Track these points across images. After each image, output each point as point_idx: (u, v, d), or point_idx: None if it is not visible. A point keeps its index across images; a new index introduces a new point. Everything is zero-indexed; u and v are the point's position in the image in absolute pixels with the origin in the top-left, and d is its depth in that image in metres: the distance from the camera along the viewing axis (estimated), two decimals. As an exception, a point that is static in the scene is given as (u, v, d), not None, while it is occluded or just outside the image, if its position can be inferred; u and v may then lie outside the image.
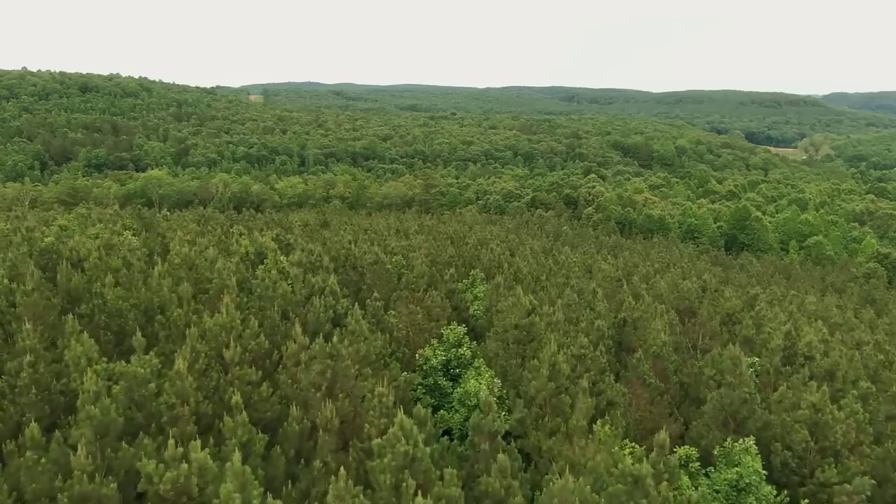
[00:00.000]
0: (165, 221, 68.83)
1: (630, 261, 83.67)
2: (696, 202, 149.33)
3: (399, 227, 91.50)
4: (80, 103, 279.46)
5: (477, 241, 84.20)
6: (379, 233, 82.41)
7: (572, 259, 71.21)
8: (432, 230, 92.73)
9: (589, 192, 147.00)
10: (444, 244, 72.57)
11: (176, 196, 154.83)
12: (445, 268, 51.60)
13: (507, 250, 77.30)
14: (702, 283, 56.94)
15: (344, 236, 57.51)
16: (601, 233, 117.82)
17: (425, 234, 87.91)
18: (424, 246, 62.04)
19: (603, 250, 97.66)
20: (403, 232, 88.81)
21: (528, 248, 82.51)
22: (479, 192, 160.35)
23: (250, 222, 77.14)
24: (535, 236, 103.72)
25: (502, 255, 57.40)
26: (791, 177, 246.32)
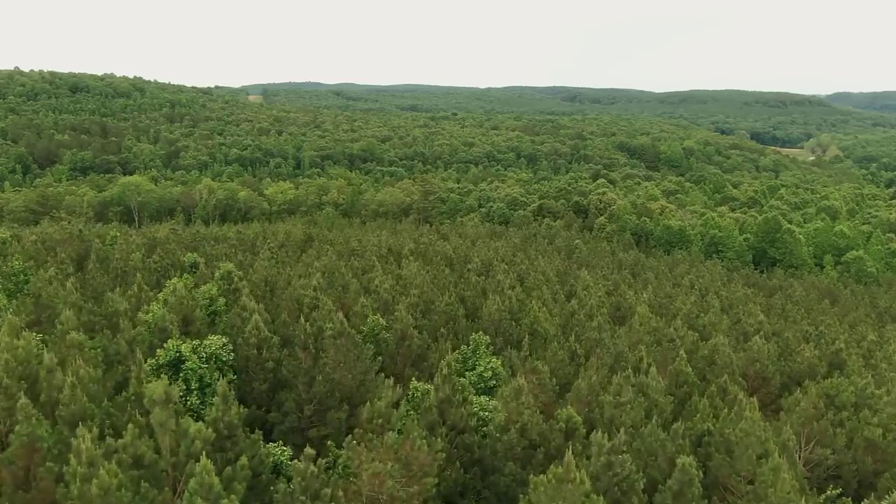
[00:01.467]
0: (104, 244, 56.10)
1: (660, 288, 70.93)
2: (715, 210, 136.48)
3: (391, 247, 78.74)
4: (69, 104, 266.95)
5: (480, 264, 71.52)
6: (366, 256, 69.66)
7: (595, 292, 58.45)
8: (429, 249, 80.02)
9: (600, 200, 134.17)
10: (440, 273, 59.83)
11: (157, 204, 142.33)
12: (440, 323, 39.03)
13: (516, 278, 64.63)
14: (779, 342, 44.21)
15: (311, 280, 44.87)
16: (617, 247, 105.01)
17: (421, 256, 75.18)
18: (417, 280, 49.27)
19: (623, 270, 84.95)
20: (396, 253, 76.05)
21: (541, 273, 69.78)
22: (481, 199, 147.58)
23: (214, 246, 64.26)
24: (546, 253, 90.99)
25: (512, 297, 44.58)
26: (810, 180, 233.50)
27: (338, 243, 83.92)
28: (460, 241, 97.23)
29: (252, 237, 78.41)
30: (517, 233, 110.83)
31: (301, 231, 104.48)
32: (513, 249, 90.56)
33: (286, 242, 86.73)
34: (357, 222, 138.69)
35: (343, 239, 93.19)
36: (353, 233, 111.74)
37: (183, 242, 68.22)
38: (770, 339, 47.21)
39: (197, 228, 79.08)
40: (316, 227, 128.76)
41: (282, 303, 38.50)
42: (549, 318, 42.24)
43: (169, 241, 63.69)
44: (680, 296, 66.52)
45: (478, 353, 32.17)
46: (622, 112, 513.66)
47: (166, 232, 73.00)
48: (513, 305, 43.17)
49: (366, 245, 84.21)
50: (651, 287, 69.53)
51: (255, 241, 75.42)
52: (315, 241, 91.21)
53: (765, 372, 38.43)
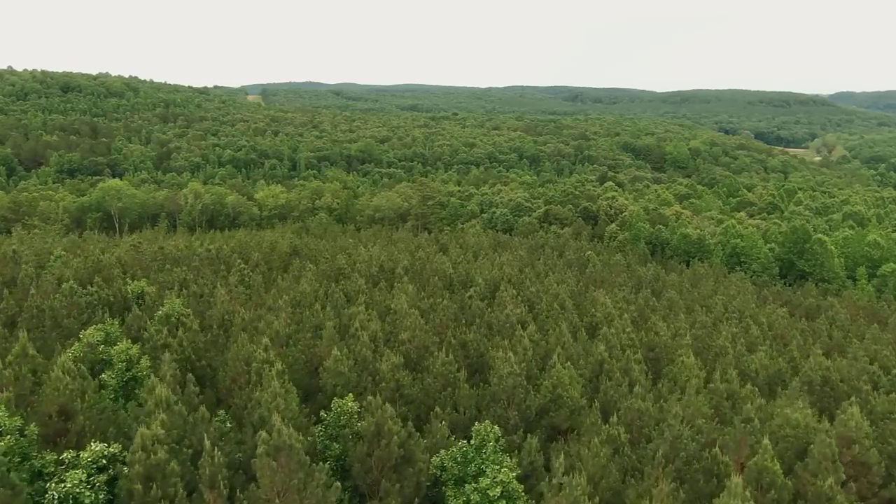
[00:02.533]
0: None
1: (691, 313, 61.18)
2: (732, 216, 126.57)
3: (384, 264, 68.94)
4: (60, 104, 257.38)
5: (484, 286, 61.83)
6: (354, 277, 59.89)
7: (621, 325, 48.69)
8: (426, 265, 70.29)
9: (610, 206, 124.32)
10: (437, 303, 50.08)
11: (139, 209, 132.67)
12: (435, 388, 29.33)
13: (526, 306, 54.91)
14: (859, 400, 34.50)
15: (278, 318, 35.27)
16: (632, 259, 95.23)
17: (416, 276, 65.47)
18: (409, 321, 39.47)
19: (644, 289, 75.19)
20: (388, 272, 66.31)
21: (553, 295, 60.09)
22: (483, 204, 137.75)
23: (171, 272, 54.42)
24: (556, 267, 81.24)
25: (528, 350, 34.84)
26: (820, 182, 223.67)
27: (325, 258, 74.20)
28: (461, 253, 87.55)
29: (227, 253, 68.61)
30: (523, 243, 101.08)
31: (287, 242, 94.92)
32: (519, 264, 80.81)
33: (268, 257, 77.14)
34: (351, 229, 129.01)
35: (332, 252, 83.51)
36: (346, 242, 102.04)
37: (142, 262, 58.53)
38: (835, 385, 37.65)
39: (162, 245, 69.25)
40: (306, 237, 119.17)
41: (223, 369, 28.84)
42: (573, 376, 32.47)
43: (119, 263, 53.93)
44: (717, 325, 56.82)
45: (484, 453, 22.46)
46: (624, 112, 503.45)
47: (127, 248, 63.43)
48: (528, 358, 33.43)
49: (356, 260, 74.58)
50: (681, 314, 59.76)
51: (229, 257, 65.63)
52: (300, 255, 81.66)
53: (865, 456, 28.81)
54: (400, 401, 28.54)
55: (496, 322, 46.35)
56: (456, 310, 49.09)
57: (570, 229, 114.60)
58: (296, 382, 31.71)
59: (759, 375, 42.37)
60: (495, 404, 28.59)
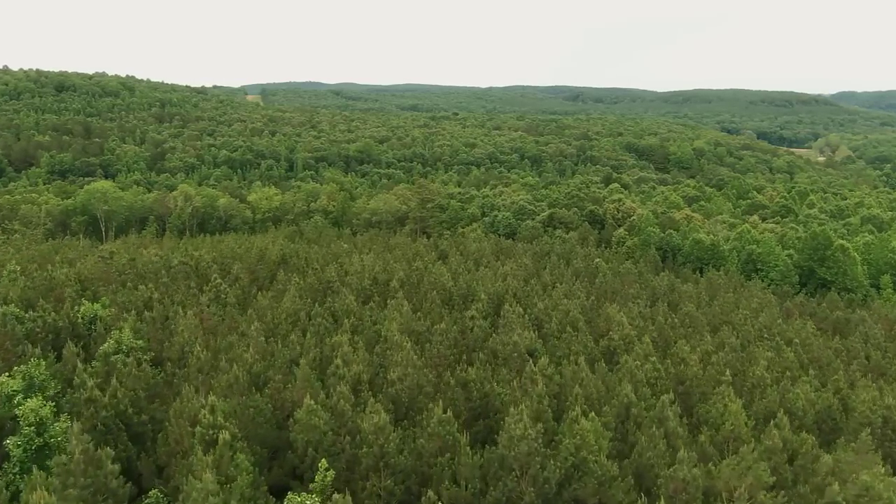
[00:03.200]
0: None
1: (717, 333, 55.18)
2: (745, 220, 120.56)
3: (378, 276, 62.87)
4: (54, 103, 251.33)
5: (487, 302, 55.85)
6: (343, 293, 53.85)
7: (642, 349, 42.67)
8: (424, 277, 64.25)
9: (617, 209, 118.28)
10: (435, 321, 44.09)
11: (126, 212, 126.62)
12: (430, 451, 23.37)
13: (535, 327, 48.94)
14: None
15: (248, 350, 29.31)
16: (643, 266, 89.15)
17: (413, 290, 59.47)
18: (400, 355, 33.44)
19: (660, 302, 69.19)
20: (383, 285, 60.28)
21: (563, 313, 54.12)
22: (484, 207, 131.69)
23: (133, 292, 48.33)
24: (563, 278, 75.17)
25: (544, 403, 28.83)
26: (828, 182, 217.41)
27: (314, 269, 68.17)
28: (462, 261, 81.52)
29: (206, 265, 62.57)
30: (527, 249, 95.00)
31: (278, 249, 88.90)
32: (524, 274, 74.79)
33: (254, 267, 71.13)
34: (347, 233, 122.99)
35: (323, 261, 77.51)
36: (339, 248, 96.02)
37: (109, 276, 52.45)
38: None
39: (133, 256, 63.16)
40: (299, 242, 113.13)
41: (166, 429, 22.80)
42: (597, 429, 26.43)
43: (78, 279, 47.87)
44: (746, 347, 50.81)
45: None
46: (625, 111, 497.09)
47: (94, 261, 57.46)
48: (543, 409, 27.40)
49: (348, 270, 68.61)
50: (706, 334, 53.74)
51: (207, 269, 59.57)
52: (289, 264, 75.65)
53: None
54: (386, 471, 22.54)
55: (502, 350, 40.35)
56: (456, 334, 43.05)
57: (575, 234, 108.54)
58: (259, 438, 25.73)
59: (806, 415, 36.37)
60: (505, 474, 22.60)
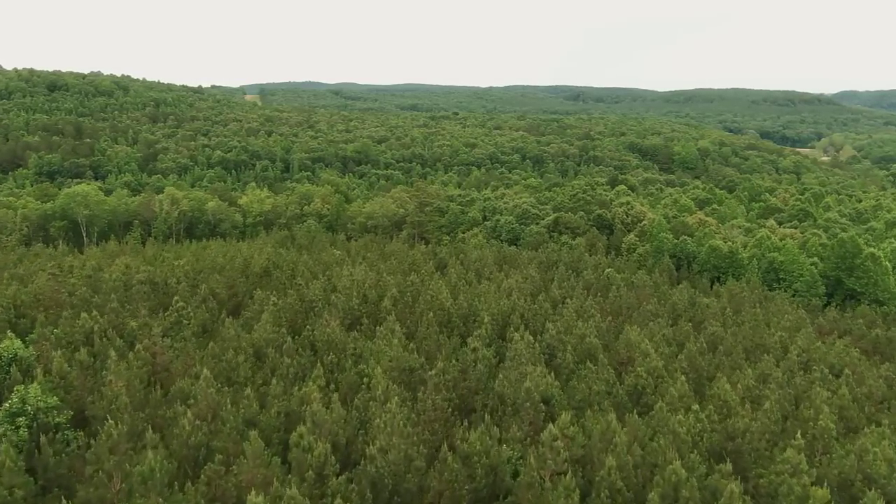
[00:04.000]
0: None
1: (754, 361, 47.81)
2: (762, 224, 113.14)
3: (367, 293, 55.49)
4: (44, 103, 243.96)
5: (491, 325, 48.52)
6: (326, 317, 46.54)
7: (676, 386, 35.38)
8: (420, 294, 56.89)
9: (626, 213, 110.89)
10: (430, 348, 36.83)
11: (109, 217, 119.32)
12: None
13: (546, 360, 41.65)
14: None
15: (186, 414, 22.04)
16: (658, 277, 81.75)
17: (407, 311, 52.12)
18: (387, 417, 26.14)
19: (682, 320, 61.88)
20: (372, 304, 52.92)
21: (578, 338, 46.83)
22: (486, 210, 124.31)
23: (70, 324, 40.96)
24: (573, 291, 67.79)
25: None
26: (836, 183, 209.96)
27: (299, 284, 60.82)
28: (462, 272, 74.19)
29: (175, 281, 55.23)
30: (532, 258, 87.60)
31: (265, 258, 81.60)
32: (531, 288, 67.46)
33: (232, 281, 63.78)
34: (342, 238, 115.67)
35: (311, 273, 70.17)
36: (331, 256, 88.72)
37: (57, 297, 45.11)
38: None
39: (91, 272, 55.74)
40: (290, 249, 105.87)
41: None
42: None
43: (13, 305, 40.51)
44: (792, 379, 43.45)
45: None
46: (627, 111, 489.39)
47: (44, 278, 50.16)
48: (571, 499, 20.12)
49: (336, 285, 61.26)
50: (743, 363, 46.41)
51: (176, 287, 52.24)
52: (272, 278, 68.35)
53: None
54: None
55: (511, 394, 33.01)
56: (455, 373, 35.67)
57: (583, 240, 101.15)
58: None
59: (890, 482, 29.04)
60: None
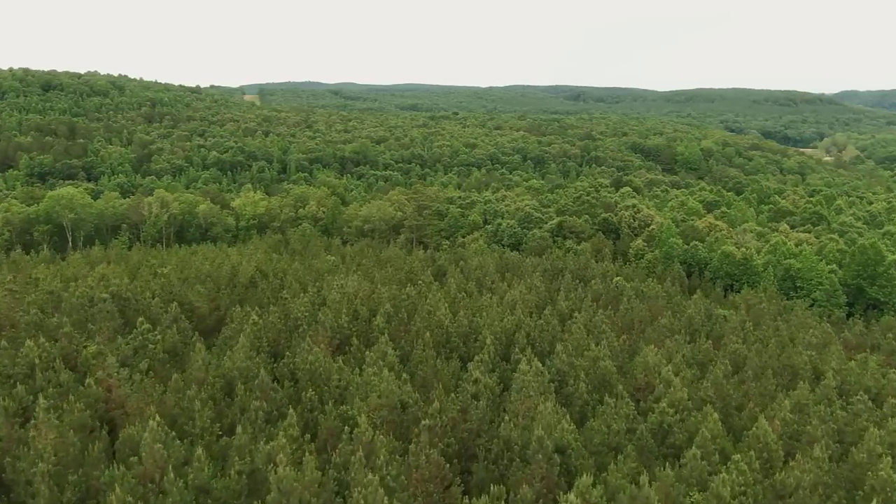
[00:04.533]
0: None
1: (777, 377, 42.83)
2: (774, 228, 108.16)
3: (359, 309, 50.49)
4: (39, 103, 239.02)
5: (494, 348, 43.57)
6: (311, 338, 41.61)
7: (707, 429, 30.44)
8: (416, 309, 51.96)
9: (633, 217, 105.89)
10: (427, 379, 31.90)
11: (95, 220, 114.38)
12: None
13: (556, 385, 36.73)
14: None
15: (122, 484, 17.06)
16: (669, 286, 76.77)
17: (402, 329, 47.16)
18: (364, 478, 21.30)
19: (699, 335, 56.96)
20: (364, 322, 47.96)
21: (592, 360, 41.91)
22: (487, 213, 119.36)
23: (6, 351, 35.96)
24: (582, 303, 62.86)
25: None
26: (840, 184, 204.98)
27: (284, 298, 55.85)
28: (462, 281, 69.27)
29: (148, 297, 50.25)
30: (537, 265, 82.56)
31: (253, 266, 76.70)
32: (536, 300, 62.54)
33: (214, 294, 58.84)
34: (337, 243, 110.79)
35: (300, 283, 65.22)
36: (324, 263, 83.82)
37: (10, 315, 40.16)
38: None
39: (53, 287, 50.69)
40: (283, 255, 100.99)
41: None
42: None
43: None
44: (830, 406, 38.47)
45: None
46: (627, 111, 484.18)
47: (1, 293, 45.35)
48: None
49: (326, 297, 56.31)
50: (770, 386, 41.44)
51: (147, 305, 47.28)
52: (259, 289, 63.42)
53: None
54: None
55: (517, 441, 28.05)
56: (455, 413, 30.67)
57: (588, 245, 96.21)
58: None
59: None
60: None
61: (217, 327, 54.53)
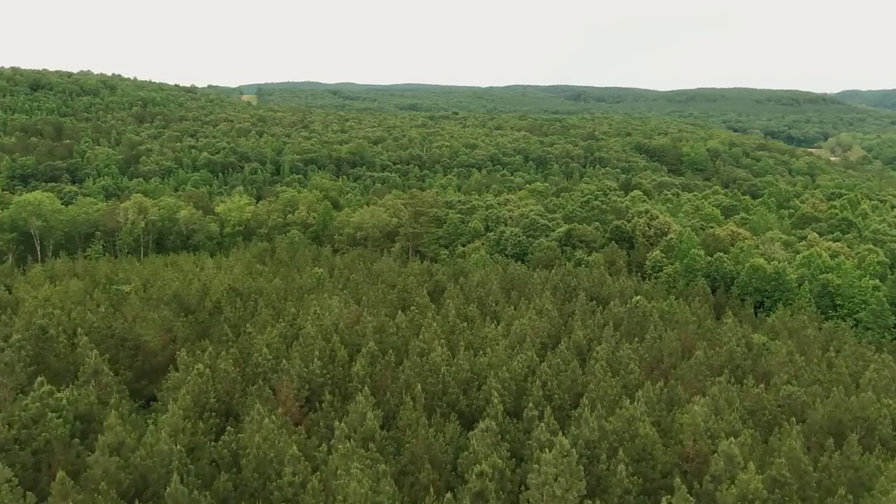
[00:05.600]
0: None
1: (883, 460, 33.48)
2: (796, 235, 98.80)
3: (345, 337, 41.07)
4: (26, 102, 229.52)
5: (503, 408, 34.16)
6: (281, 388, 32.29)
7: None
8: (408, 341, 42.61)
9: (648, 224, 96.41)
10: (418, 465, 22.61)
11: (66, 228, 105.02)
12: None
13: (587, 469, 27.26)
14: None
15: None
16: (698, 307, 67.28)
17: (389, 378, 37.74)
18: None
19: (745, 374, 47.59)
20: (342, 367, 38.55)
21: (626, 420, 32.52)
22: (488, 220, 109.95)
23: None
24: (602, 333, 53.44)
25: None
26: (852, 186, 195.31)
27: (250, 330, 46.43)
28: (462, 303, 59.83)
29: (87, 329, 40.89)
30: (545, 280, 73.04)
31: (227, 283, 67.30)
32: (549, 328, 53.11)
33: (173, 323, 49.44)
34: (327, 252, 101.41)
35: (276, 307, 55.80)
36: (307, 279, 74.36)
37: None
38: None
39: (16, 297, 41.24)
40: (268, 265, 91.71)
41: None
42: None
43: None
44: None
45: None
46: (628, 111, 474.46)
47: None
48: None
49: (300, 326, 46.97)
50: (867, 468, 32.02)
51: (66, 350, 37.86)
52: (226, 312, 53.96)
53: None
54: None
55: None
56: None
57: (601, 257, 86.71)
58: None
59: None
60: None
61: (152, 379, 44.72)
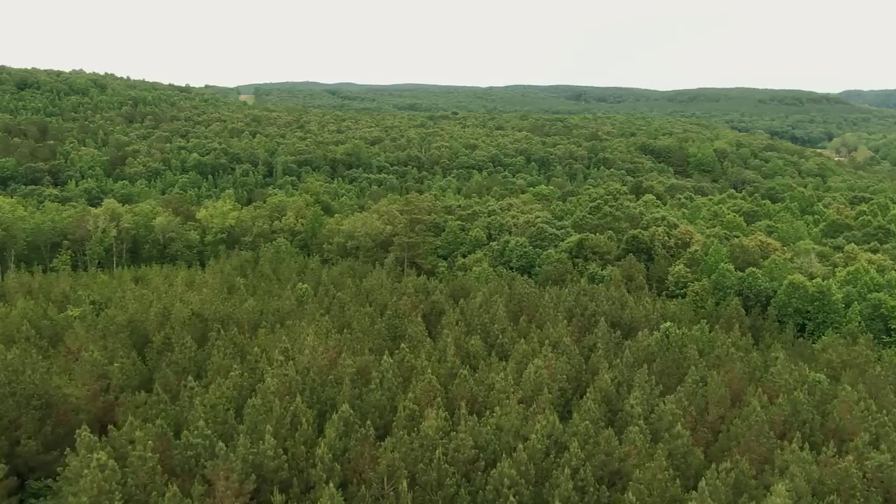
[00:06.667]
0: None
1: None
2: (827, 245, 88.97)
3: (299, 408, 31.38)
4: (11, 101, 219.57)
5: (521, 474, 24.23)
6: None
7: None
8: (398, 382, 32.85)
9: (667, 234, 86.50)
10: None
11: (30, 237, 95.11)
12: None
13: None
14: None
15: None
16: (738, 335, 57.40)
17: (361, 457, 27.83)
18: None
19: (814, 430, 37.81)
20: (307, 445, 28.85)
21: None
22: (491, 227, 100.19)
23: None
24: (632, 375, 43.65)
25: None
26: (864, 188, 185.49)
27: (195, 385, 36.68)
28: (464, 336, 49.99)
29: None
30: (557, 301, 63.09)
31: (191, 308, 57.45)
32: (567, 368, 43.30)
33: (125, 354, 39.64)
34: (315, 263, 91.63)
35: (236, 343, 45.97)
36: (284, 302, 64.38)
37: None
38: None
39: None
40: (249, 277, 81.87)
41: None
42: None
43: None
44: None
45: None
46: (630, 110, 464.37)
47: None
48: None
49: (262, 372, 37.19)
50: None
51: None
52: (176, 352, 44.12)
53: None
54: None
55: None
56: None
57: (617, 271, 76.76)
58: None
59: None
60: None
61: (103, 420, 35.72)
